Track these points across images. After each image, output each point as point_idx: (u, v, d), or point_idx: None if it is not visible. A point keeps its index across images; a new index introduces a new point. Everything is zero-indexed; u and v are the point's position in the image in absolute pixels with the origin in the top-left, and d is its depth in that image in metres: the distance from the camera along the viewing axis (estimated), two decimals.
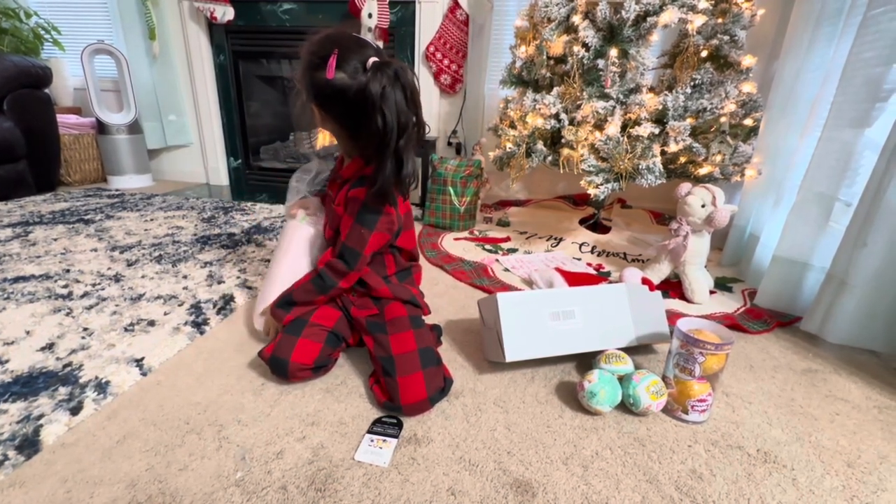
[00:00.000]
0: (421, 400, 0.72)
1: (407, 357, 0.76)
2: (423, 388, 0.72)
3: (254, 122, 2.55)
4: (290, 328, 0.81)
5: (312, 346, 0.78)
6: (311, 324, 0.81)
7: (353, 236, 0.80)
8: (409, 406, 0.71)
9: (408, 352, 0.77)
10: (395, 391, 0.72)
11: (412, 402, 0.71)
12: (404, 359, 0.76)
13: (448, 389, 0.77)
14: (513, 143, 1.46)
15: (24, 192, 2.03)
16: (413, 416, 0.73)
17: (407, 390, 0.72)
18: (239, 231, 1.65)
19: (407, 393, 0.72)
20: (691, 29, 1.25)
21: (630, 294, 0.90)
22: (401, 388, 0.72)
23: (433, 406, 0.75)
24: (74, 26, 2.44)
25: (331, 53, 0.72)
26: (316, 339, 0.79)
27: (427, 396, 0.72)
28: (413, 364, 0.75)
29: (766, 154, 1.33)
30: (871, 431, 0.73)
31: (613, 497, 0.59)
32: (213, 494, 0.57)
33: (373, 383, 0.79)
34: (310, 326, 0.81)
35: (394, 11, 2.08)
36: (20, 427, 0.66)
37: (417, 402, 0.72)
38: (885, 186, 0.87)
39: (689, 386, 0.72)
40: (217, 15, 2.17)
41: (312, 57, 0.74)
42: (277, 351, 0.77)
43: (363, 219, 0.79)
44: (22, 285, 1.12)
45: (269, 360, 0.78)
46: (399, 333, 0.80)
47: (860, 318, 0.94)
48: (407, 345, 0.78)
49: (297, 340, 0.78)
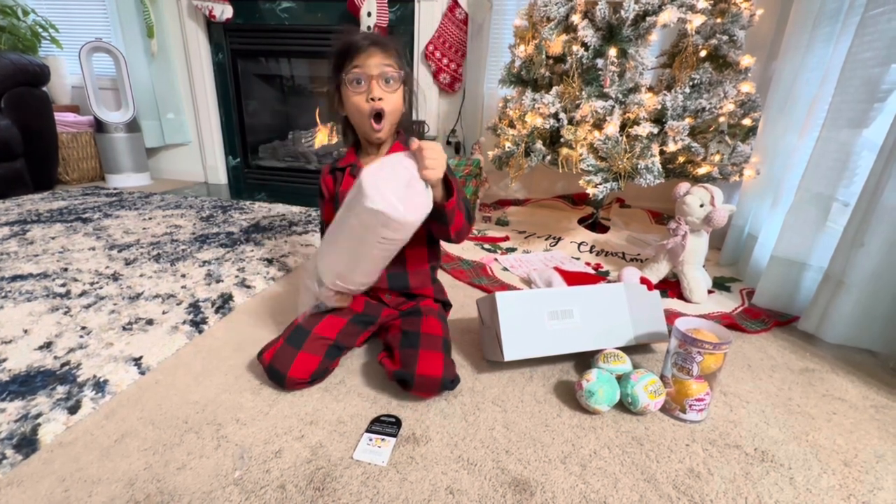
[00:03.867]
0: (435, 376, 0.73)
1: (433, 338, 0.80)
2: (440, 368, 0.74)
3: (252, 120, 2.54)
4: (292, 338, 0.80)
5: (311, 360, 0.77)
6: (313, 336, 0.80)
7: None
8: (422, 377, 0.72)
9: (435, 334, 0.81)
10: (414, 361, 0.74)
11: (427, 374, 0.72)
12: (430, 338, 0.80)
13: (455, 386, 0.78)
14: (512, 143, 1.46)
15: (21, 191, 2.03)
16: (420, 392, 0.74)
17: (426, 363, 0.74)
18: (237, 230, 1.65)
19: (425, 365, 0.73)
20: (690, 29, 1.25)
21: (628, 293, 0.90)
22: (420, 359, 0.74)
23: (441, 392, 0.76)
24: (72, 24, 2.44)
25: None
26: (315, 353, 0.78)
27: (441, 376, 0.73)
28: (437, 345, 0.79)
29: (765, 154, 1.33)
30: (868, 431, 0.74)
31: (611, 496, 0.59)
32: (212, 493, 0.57)
33: (383, 357, 0.80)
34: (312, 339, 0.80)
35: (393, 10, 2.08)
36: (18, 426, 0.66)
37: (431, 377, 0.73)
38: (883, 186, 0.87)
39: (687, 385, 0.72)
40: (215, 13, 2.16)
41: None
42: (276, 362, 0.76)
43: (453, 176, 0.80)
44: (20, 284, 1.12)
45: (267, 368, 0.77)
46: (430, 318, 0.85)
47: (857, 317, 0.94)
48: (436, 329, 0.82)
49: (296, 354, 0.77)
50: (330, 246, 0.76)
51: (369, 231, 0.67)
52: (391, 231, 0.66)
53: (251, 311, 1.06)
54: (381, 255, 0.73)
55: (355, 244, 0.71)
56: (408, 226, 0.67)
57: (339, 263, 0.75)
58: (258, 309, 1.07)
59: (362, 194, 0.63)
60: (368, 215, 0.64)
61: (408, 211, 0.65)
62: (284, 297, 1.14)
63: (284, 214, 1.88)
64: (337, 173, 0.90)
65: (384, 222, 0.64)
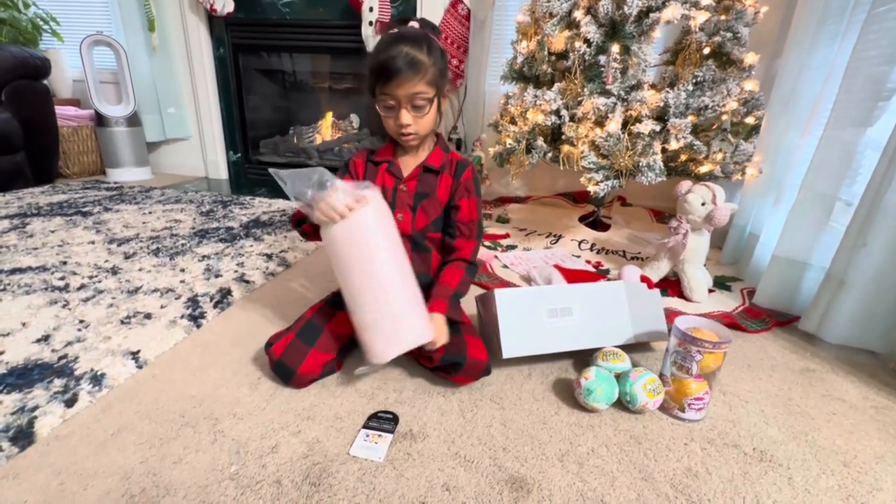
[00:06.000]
0: (483, 360, 0.77)
1: (470, 326, 0.86)
2: (486, 353, 0.78)
3: (253, 115, 2.53)
4: (304, 334, 0.78)
5: (322, 358, 0.77)
6: (327, 332, 0.79)
7: (478, 212, 0.86)
8: (474, 360, 0.76)
9: (469, 323, 0.87)
10: (463, 345, 0.77)
11: (477, 357, 0.76)
12: (468, 327, 0.85)
13: (490, 373, 0.81)
14: (513, 140, 1.45)
15: (21, 184, 2.03)
16: (464, 377, 0.77)
17: (474, 347, 0.77)
18: (237, 225, 1.64)
19: (474, 349, 0.77)
20: (694, 25, 1.24)
21: (628, 292, 0.90)
22: (469, 345, 0.77)
23: (480, 377, 0.79)
24: (73, 17, 2.43)
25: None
26: (327, 350, 0.78)
27: (486, 360, 0.77)
28: (475, 332, 0.84)
29: (767, 152, 1.33)
30: (868, 431, 0.73)
31: (608, 494, 0.58)
32: (208, 488, 0.57)
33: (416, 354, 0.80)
34: (325, 335, 0.79)
35: (395, 5, 2.06)
36: (14, 418, 0.66)
37: (480, 360, 0.76)
38: (886, 186, 0.86)
39: (687, 384, 0.72)
40: (217, 7, 2.15)
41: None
42: (285, 357, 0.75)
43: (479, 195, 0.87)
44: (18, 277, 1.12)
45: (276, 362, 0.76)
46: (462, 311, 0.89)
47: (858, 318, 0.93)
48: (467, 319, 0.88)
49: (308, 351, 0.76)
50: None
51: None
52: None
53: (250, 307, 1.06)
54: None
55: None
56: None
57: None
58: (257, 304, 1.07)
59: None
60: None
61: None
62: (284, 293, 1.14)
63: (284, 210, 1.87)
64: (369, 164, 0.87)
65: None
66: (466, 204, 0.84)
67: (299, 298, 1.10)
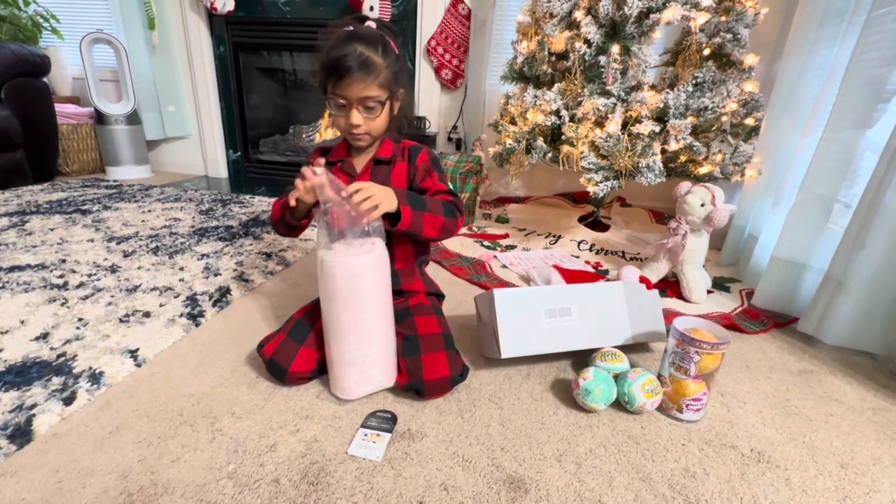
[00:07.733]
0: (444, 377, 0.73)
1: (432, 338, 0.79)
2: (447, 367, 0.74)
3: (253, 114, 2.54)
4: (294, 332, 0.79)
5: (313, 356, 0.77)
6: (316, 330, 0.79)
7: (448, 185, 0.83)
8: (432, 382, 0.73)
9: (433, 333, 0.79)
10: (419, 368, 0.74)
11: (435, 378, 0.73)
12: (429, 339, 0.78)
13: (466, 375, 0.78)
14: (513, 140, 1.45)
15: (21, 182, 2.02)
16: (434, 395, 0.75)
17: (431, 367, 0.74)
18: (237, 224, 1.64)
19: (431, 369, 0.73)
20: (694, 26, 1.24)
21: (627, 292, 0.90)
22: (425, 365, 0.74)
23: (453, 388, 0.77)
24: (73, 15, 2.43)
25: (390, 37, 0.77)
26: (318, 348, 0.78)
27: (449, 375, 0.74)
28: (437, 344, 0.78)
29: (767, 154, 1.33)
30: (865, 433, 0.73)
31: (606, 494, 0.59)
32: (205, 486, 0.57)
33: None
34: (315, 333, 0.79)
35: (395, 5, 2.06)
36: (13, 416, 0.65)
37: (440, 379, 0.73)
38: (885, 188, 0.86)
39: (685, 385, 0.72)
40: (217, 5, 2.15)
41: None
42: (277, 356, 0.76)
43: (441, 171, 0.84)
44: (17, 275, 1.12)
45: (268, 362, 0.76)
46: (424, 316, 0.83)
47: (857, 319, 0.94)
48: (432, 327, 0.81)
49: (298, 349, 0.76)
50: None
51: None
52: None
53: (249, 305, 1.06)
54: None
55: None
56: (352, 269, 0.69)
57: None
58: (256, 303, 1.07)
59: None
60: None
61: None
62: (282, 292, 1.14)
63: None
64: (326, 163, 0.87)
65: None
66: (431, 182, 0.82)
67: (298, 297, 1.10)
